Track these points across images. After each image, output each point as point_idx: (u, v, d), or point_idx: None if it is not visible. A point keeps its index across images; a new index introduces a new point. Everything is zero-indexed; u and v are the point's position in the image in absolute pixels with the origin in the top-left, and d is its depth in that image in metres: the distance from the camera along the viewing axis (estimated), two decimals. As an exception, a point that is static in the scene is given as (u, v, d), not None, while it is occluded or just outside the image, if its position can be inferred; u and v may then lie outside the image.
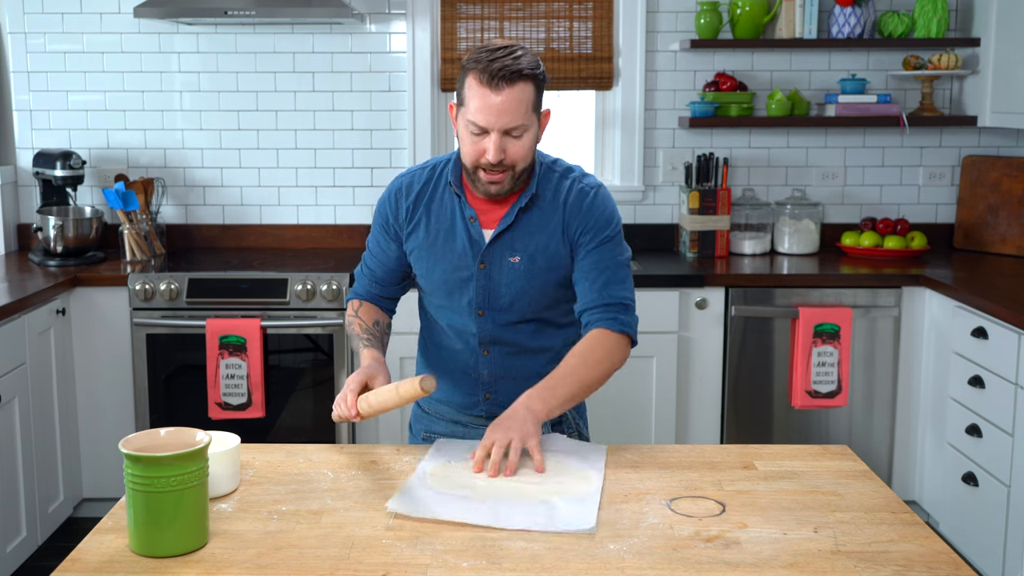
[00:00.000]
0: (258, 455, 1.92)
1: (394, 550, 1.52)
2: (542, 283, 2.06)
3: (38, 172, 3.87)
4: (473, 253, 2.05)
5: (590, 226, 2.05)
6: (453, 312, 2.11)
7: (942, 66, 3.84)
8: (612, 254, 2.06)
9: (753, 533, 1.59)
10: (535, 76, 1.94)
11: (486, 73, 1.90)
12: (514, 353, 2.11)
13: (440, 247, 2.07)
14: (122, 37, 4.00)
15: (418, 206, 2.09)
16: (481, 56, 1.92)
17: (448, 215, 2.07)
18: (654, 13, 3.99)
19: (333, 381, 3.56)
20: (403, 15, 3.99)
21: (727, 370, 3.60)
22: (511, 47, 1.94)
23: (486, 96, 1.91)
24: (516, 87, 1.91)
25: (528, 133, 1.96)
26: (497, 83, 1.90)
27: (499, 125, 1.92)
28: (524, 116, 1.93)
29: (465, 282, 2.06)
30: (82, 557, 1.51)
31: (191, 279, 3.53)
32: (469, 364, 2.13)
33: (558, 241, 2.05)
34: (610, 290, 2.04)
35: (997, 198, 3.98)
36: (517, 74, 1.90)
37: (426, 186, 2.10)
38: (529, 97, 1.93)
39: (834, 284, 3.58)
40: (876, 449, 3.64)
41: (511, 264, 2.05)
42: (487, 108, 1.91)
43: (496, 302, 2.07)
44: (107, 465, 3.60)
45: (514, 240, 2.04)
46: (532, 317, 2.10)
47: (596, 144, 4.17)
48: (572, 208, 2.05)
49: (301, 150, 4.09)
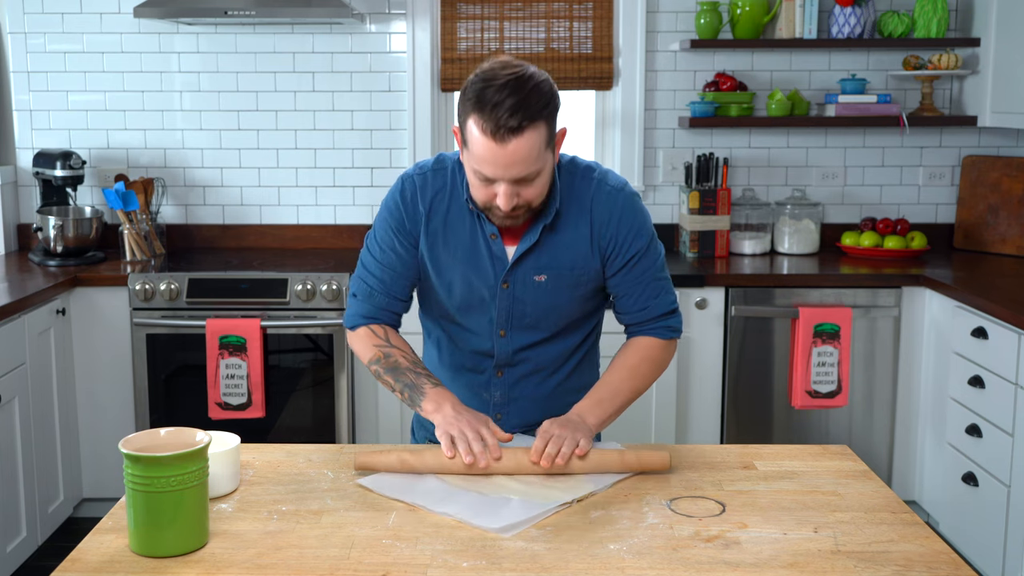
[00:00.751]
0: (258, 455, 1.92)
1: (394, 550, 1.52)
2: (568, 299, 1.96)
3: (38, 172, 3.87)
4: (495, 272, 1.91)
5: (623, 241, 1.92)
6: (470, 332, 1.99)
7: (942, 66, 3.84)
8: (650, 264, 1.96)
9: (753, 533, 1.59)
10: (545, 115, 1.74)
11: (490, 121, 1.69)
12: (529, 374, 2.02)
13: (460, 264, 1.92)
14: (122, 37, 4.01)
15: (433, 215, 1.91)
16: (484, 96, 1.70)
17: (467, 229, 1.91)
18: (654, 13, 3.99)
19: (333, 381, 3.56)
20: (403, 15, 3.99)
21: (727, 370, 3.60)
22: (515, 79, 1.71)
23: (491, 148, 1.71)
24: (524, 136, 1.71)
25: (543, 173, 1.79)
26: (503, 135, 1.70)
27: (508, 176, 1.75)
28: (536, 161, 1.75)
29: (486, 302, 1.94)
30: (82, 557, 1.51)
31: (191, 279, 3.53)
32: (481, 384, 2.04)
33: (586, 255, 1.92)
34: (655, 303, 1.97)
35: (997, 198, 3.98)
36: (526, 122, 1.70)
37: (441, 193, 1.92)
38: (540, 139, 1.74)
39: (834, 284, 3.58)
40: (876, 449, 3.64)
41: (536, 283, 1.92)
42: (493, 161, 1.73)
43: (520, 321, 1.96)
44: (107, 465, 3.60)
45: (540, 257, 1.90)
46: (554, 333, 2.00)
47: (596, 144, 4.17)
48: (600, 217, 1.91)
49: (301, 150, 4.09)
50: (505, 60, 1.78)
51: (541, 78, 1.76)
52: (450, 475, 1.78)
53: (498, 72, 1.73)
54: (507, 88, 1.70)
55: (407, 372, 1.91)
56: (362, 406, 3.60)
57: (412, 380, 1.89)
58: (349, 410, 3.57)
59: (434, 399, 1.85)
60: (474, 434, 1.75)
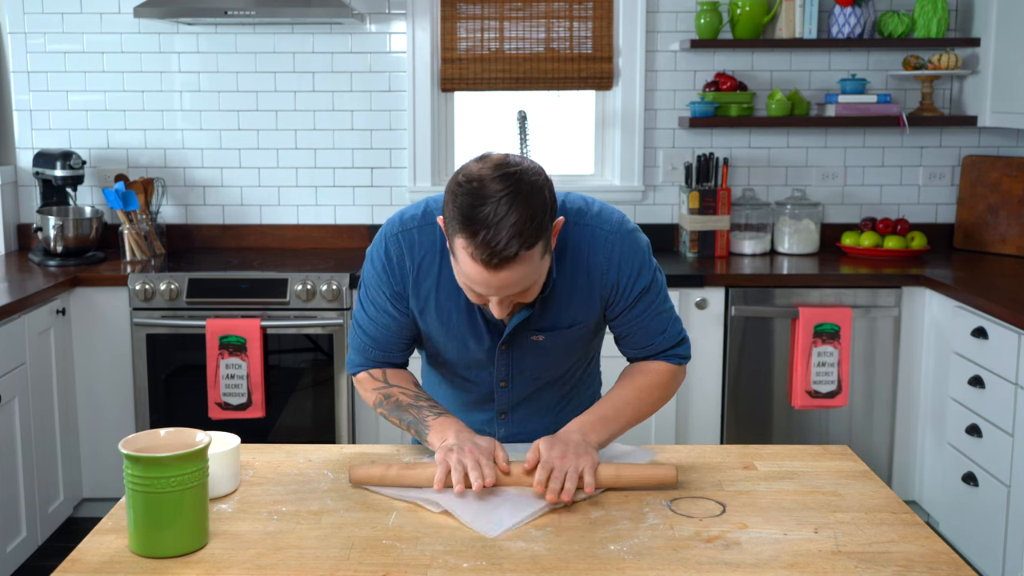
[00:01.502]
0: (258, 455, 1.92)
1: (394, 550, 1.52)
2: (569, 352, 1.92)
3: (38, 172, 3.87)
4: (492, 336, 1.85)
5: (625, 285, 1.82)
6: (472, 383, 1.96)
7: (942, 66, 3.84)
8: (652, 300, 1.86)
9: (753, 533, 1.59)
10: (542, 231, 1.58)
11: (481, 250, 1.55)
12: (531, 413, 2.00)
13: (455, 328, 1.84)
14: (122, 37, 4.00)
15: (422, 278, 1.81)
16: (474, 217, 1.54)
17: (461, 297, 1.79)
18: (654, 13, 3.99)
19: (333, 381, 3.56)
20: (403, 15, 3.99)
21: (727, 370, 3.60)
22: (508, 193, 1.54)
23: (482, 273, 1.58)
24: (519, 262, 1.57)
25: (540, 279, 1.67)
26: (496, 264, 1.56)
27: (501, 295, 1.64)
28: (532, 276, 1.63)
29: (486, 360, 1.90)
30: (82, 557, 1.51)
31: (191, 279, 3.53)
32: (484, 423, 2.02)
33: (586, 307, 1.84)
34: (661, 338, 1.89)
35: (997, 198, 3.98)
36: (522, 248, 1.56)
37: (429, 256, 1.80)
38: (538, 256, 1.61)
39: (834, 284, 3.58)
40: (876, 449, 3.64)
41: (534, 342, 1.86)
42: (485, 284, 1.61)
43: (519, 374, 1.92)
44: (107, 465, 3.60)
45: (537, 322, 1.83)
46: (555, 380, 1.97)
47: (596, 144, 4.17)
48: (599, 265, 1.80)
49: (301, 150, 4.09)
50: (495, 162, 1.60)
51: (537, 185, 1.58)
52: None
53: (487, 184, 1.55)
54: (501, 209, 1.53)
55: (409, 409, 1.84)
56: (362, 406, 3.60)
57: (415, 416, 1.83)
58: (349, 410, 3.57)
59: (438, 430, 1.78)
60: (472, 462, 1.66)
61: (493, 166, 1.59)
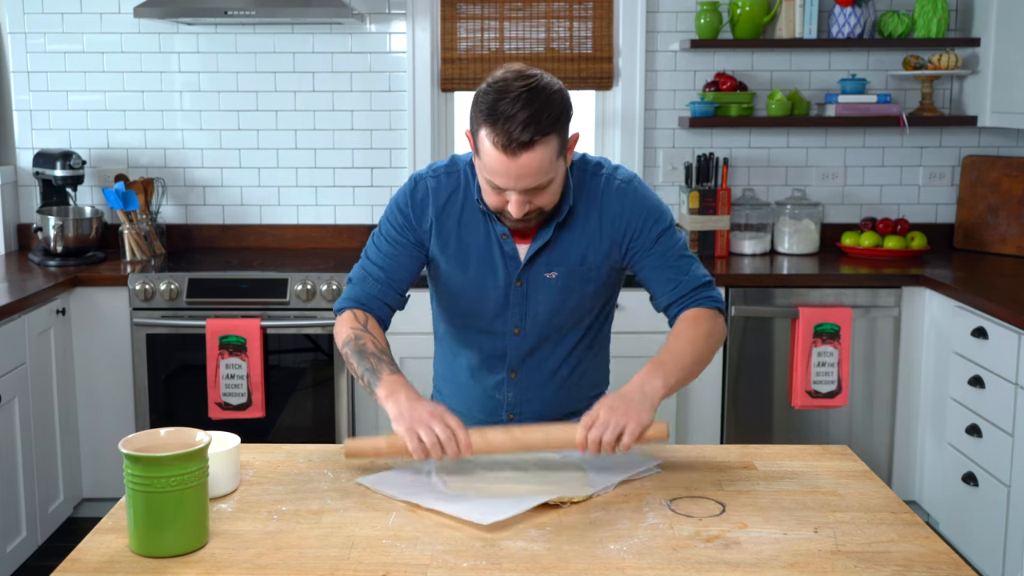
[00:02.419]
0: (258, 455, 1.92)
1: (394, 550, 1.52)
2: (579, 294, 1.97)
3: (38, 172, 3.87)
4: (508, 271, 1.94)
5: (640, 226, 1.93)
6: (484, 334, 2.01)
7: (942, 66, 3.84)
8: (672, 243, 1.95)
9: (753, 533, 1.59)
10: (557, 128, 1.75)
11: (501, 135, 1.71)
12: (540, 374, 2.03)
13: (473, 267, 1.94)
14: (122, 37, 4.00)
15: (446, 219, 1.94)
16: (496, 108, 1.71)
17: (481, 231, 1.93)
18: (654, 13, 3.99)
19: (333, 381, 3.56)
20: (403, 15, 3.99)
21: (727, 370, 3.60)
22: (528, 91, 1.71)
23: (502, 160, 1.73)
24: (536, 149, 1.72)
25: (554, 181, 1.81)
26: (514, 149, 1.71)
27: (519, 187, 1.77)
28: (548, 172, 1.77)
29: (501, 301, 1.96)
30: (82, 557, 1.51)
31: (191, 279, 3.53)
32: (494, 385, 2.05)
33: (597, 249, 1.94)
34: (687, 278, 1.95)
35: (997, 198, 3.98)
36: (537, 136, 1.71)
37: (453, 196, 1.94)
38: (552, 151, 1.75)
39: (834, 284, 3.58)
40: (876, 449, 3.64)
41: (547, 280, 1.94)
42: (505, 172, 1.75)
43: (534, 319, 1.97)
44: (107, 465, 3.60)
45: (551, 255, 1.93)
46: (564, 332, 2.01)
47: (596, 144, 4.17)
48: (612, 210, 1.92)
49: (301, 150, 4.09)
50: (518, 69, 1.77)
51: (554, 88, 1.76)
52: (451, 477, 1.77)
53: (511, 83, 1.73)
54: (519, 101, 1.71)
55: (370, 357, 1.86)
56: (362, 406, 3.60)
57: (373, 364, 1.85)
58: (349, 410, 3.57)
59: (388, 385, 1.80)
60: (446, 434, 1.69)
61: (515, 71, 1.77)
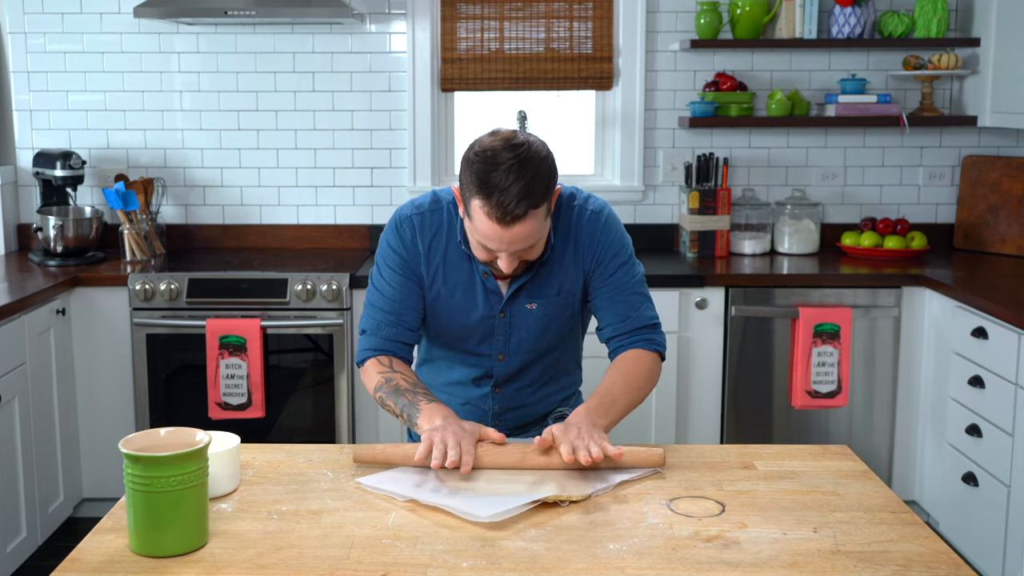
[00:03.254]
0: (258, 455, 1.92)
1: (394, 550, 1.52)
2: (559, 321, 2.08)
3: (38, 172, 3.87)
4: (491, 305, 2.03)
5: (604, 255, 2.03)
6: (471, 355, 2.10)
7: (942, 66, 3.84)
8: (629, 277, 2.05)
9: (753, 533, 1.59)
10: (547, 195, 1.84)
11: (496, 209, 1.79)
12: (523, 387, 2.14)
13: (458, 301, 2.03)
14: (122, 37, 4.01)
15: (433, 253, 2.02)
16: (489, 180, 1.78)
17: (465, 268, 2.02)
18: (654, 13, 3.99)
19: (333, 381, 3.56)
20: (403, 15, 3.99)
21: (727, 370, 3.60)
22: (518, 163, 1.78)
23: (496, 229, 1.82)
24: (528, 219, 1.81)
25: (543, 239, 1.91)
26: (508, 221, 1.80)
27: (511, 250, 1.87)
28: (538, 234, 1.87)
29: (486, 331, 2.06)
30: (82, 557, 1.51)
31: (191, 279, 3.53)
32: (479, 398, 2.15)
33: (572, 278, 2.04)
34: (637, 314, 2.05)
35: (997, 198, 3.98)
36: (531, 207, 1.80)
37: (438, 233, 2.02)
38: (542, 217, 1.85)
39: (834, 284, 3.58)
40: (876, 449, 3.64)
41: (529, 311, 2.04)
42: (498, 240, 1.84)
43: (518, 346, 2.08)
44: (107, 465, 3.60)
45: (531, 289, 2.03)
46: (546, 351, 2.12)
47: (596, 144, 4.17)
48: (584, 238, 2.02)
49: (301, 150, 4.09)
50: (506, 137, 1.83)
51: (542, 156, 1.83)
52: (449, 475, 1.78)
53: (500, 154, 1.80)
54: (512, 174, 1.78)
55: (406, 393, 1.94)
56: (362, 406, 3.60)
57: (409, 399, 1.93)
58: (349, 410, 3.57)
59: (428, 414, 1.87)
60: (454, 442, 1.76)
61: (503, 139, 1.83)
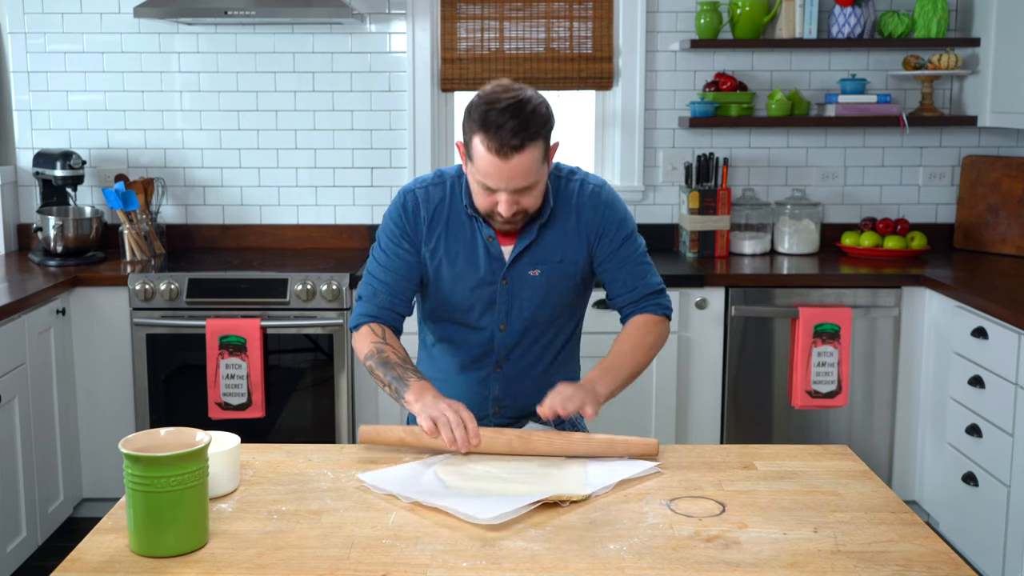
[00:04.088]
0: (258, 455, 1.92)
1: (394, 550, 1.52)
2: (560, 292, 2.13)
3: (38, 172, 3.87)
4: (494, 270, 2.09)
5: (608, 229, 2.12)
6: (474, 329, 2.13)
7: (942, 66, 3.84)
8: (634, 249, 2.15)
9: (753, 533, 1.59)
10: (543, 134, 1.94)
11: (494, 140, 1.90)
12: (523, 367, 2.16)
13: (461, 267, 2.09)
14: (122, 37, 4.00)
15: (436, 224, 2.10)
16: (488, 117, 1.90)
17: (468, 235, 2.09)
18: (654, 13, 3.99)
19: (333, 381, 3.56)
20: (403, 15, 3.99)
21: (727, 370, 3.60)
22: (517, 102, 1.91)
23: (495, 162, 1.91)
24: (525, 152, 1.91)
25: (539, 183, 1.99)
26: (506, 152, 1.90)
27: (510, 187, 1.95)
28: (535, 174, 1.95)
29: (488, 299, 2.11)
30: (82, 557, 1.51)
31: (191, 279, 3.53)
32: (480, 379, 2.17)
33: (575, 248, 2.11)
34: (644, 281, 2.16)
35: (997, 198, 3.98)
36: (526, 140, 1.90)
37: (442, 204, 2.10)
38: (538, 155, 1.94)
39: (834, 284, 3.58)
40: (876, 449, 3.64)
41: (531, 278, 2.10)
42: (497, 174, 1.93)
43: (519, 315, 2.12)
44: (107, 465, 3.59)
45: (533, 255, 2.09)
46: (546, 326, 2.15)
47: (596, 144, 4.17)
48: (586, 212, 2.11)
49: (301, 150, 4.09)
50: (506, 84, 1.97)
51: (538, 100, 1.95)
52: (449, 476, 1.78)
53: (500, 95, 1.92)
54: (509, 111, 1.89)
55: (396, 367, 2.02)
56: (362, 406, 3.60)
57: (399, 374, 2.00)
58: (349, 410, 3.57)
59: (416, 391, 1.95)
60: (456, 419, 1.83)
61: (503, 87, 1.96)
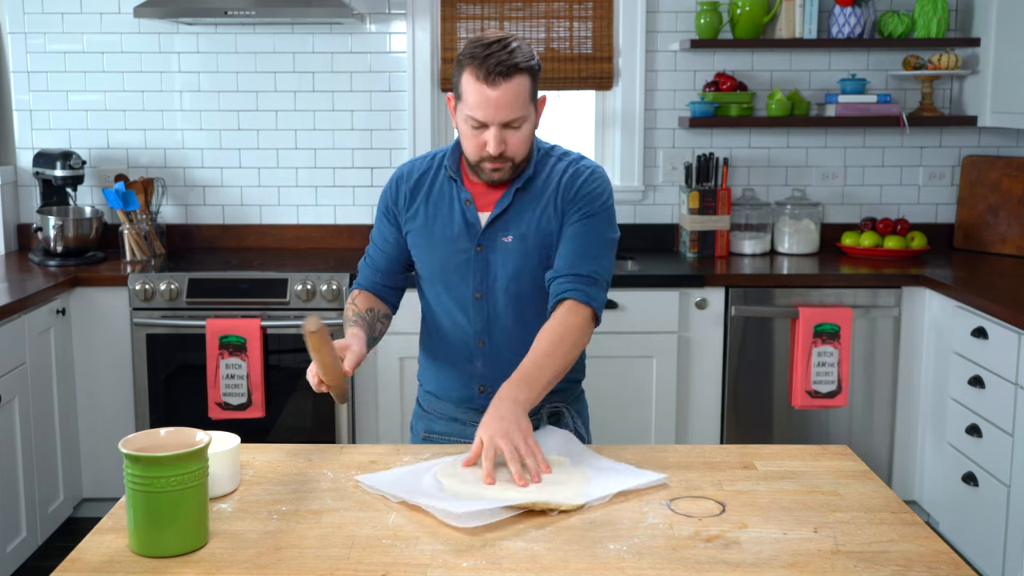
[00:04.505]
0: (258, 455, 1.92)
1: (394, 550, 1.52)
2: (535, 262, 2.09)
3: (38, 172, 3.87)
4: (470, 236, 2.10)
5: (578, 200, 2.08)
6: (451, 299, 2.14)
7: (942, 66, 3.84)
8: (595, 228, 2.07)
9: (753, 533, 1.59)
10: (530, 68, 1.99)
11: (482, 69, 1.95)
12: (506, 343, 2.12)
13: (438, 232, 2.12)
14: (122, 37, 4.01)
15: (417, 192, 2.15)
16: (476, 51, 1.97)
17: (446, 200, 2.13)
18: (654, 13, 3.99)
19: (333, 381, 3.55)
20: (403, 15, 3.99)
21: (727, 370, 3.60)
22: (505, 40, 1.98)
23: (483, 91, 1.96)
24: (512, 81, 1.96)
25: (527, 123, 2.02)
26: (494, 79, 1.94)
27: (498, 119, 1.97)
28: (522, 108, 1.99)
29: (463, 266, 2.11)
30: (82, 557, 1.51)
31: (191, 279, 3.53)
32: (464, 355, 2.15)
33: (549, 218, 2.09)
34: (584, 261, 2.04)
35: (997, 198, 3.98)
36: (513, 68, 1.95)
37: (425, 174, 2.16)
38: (526, 89, 1.99)
39: (834, 284, 3.58)
40: (876, 449, 3.64)
41: (504, 244, 2.09)
42: (485, 103, 1.96)
43: (493, 283, 2.10)
44: (107, 465, 3.60)
45: (508, 221, 2.09)
46: (528, 301, 2.10)
47: (596, 144, 4.17)
48: (565, 186, 2.10)
49: (301, 150, 4.09)
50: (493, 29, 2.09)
51: (524, 43, 2.02)
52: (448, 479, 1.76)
53: (487, 35, 2.01)
54: (496, 44, 1.97)
55: (345, 323, 2.14)
56: (362, 406, 3.60)
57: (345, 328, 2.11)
58: (349, 410, 3.57)
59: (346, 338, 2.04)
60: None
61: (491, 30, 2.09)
